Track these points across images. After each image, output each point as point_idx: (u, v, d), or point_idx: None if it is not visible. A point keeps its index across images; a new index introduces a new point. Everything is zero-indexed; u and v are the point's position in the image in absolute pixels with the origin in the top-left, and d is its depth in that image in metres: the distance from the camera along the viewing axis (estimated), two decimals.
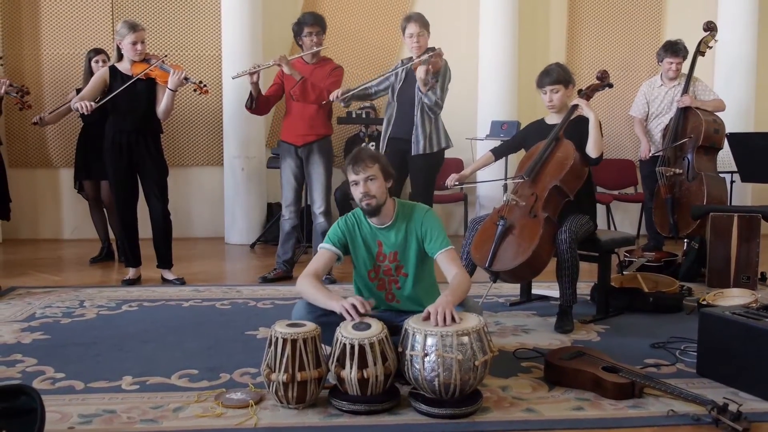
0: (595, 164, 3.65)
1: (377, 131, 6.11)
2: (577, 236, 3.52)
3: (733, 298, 3.86)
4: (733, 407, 2.33)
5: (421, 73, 4.17)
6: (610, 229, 6.49)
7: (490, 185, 5.29)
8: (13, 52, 6.18)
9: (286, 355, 2.42)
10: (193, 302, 4.14)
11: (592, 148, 3.59)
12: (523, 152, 3.95)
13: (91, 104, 4.27)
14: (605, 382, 2.61)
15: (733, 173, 5.45)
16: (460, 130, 6.10)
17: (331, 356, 2.49)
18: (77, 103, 4.29)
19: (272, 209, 6.43)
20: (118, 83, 4.36)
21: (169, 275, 4.68)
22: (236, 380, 2.79)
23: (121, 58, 4.43)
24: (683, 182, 5.02)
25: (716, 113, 5.16)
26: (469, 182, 4.15)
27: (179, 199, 6.05)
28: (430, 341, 2.38)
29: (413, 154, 4.36)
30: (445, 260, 2.76)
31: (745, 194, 6.38)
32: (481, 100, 6.64)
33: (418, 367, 2.40)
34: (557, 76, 3.72)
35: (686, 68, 5.31)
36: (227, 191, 6.37)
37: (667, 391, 2.57)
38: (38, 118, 5.10)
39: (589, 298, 4.16)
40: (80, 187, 5.54)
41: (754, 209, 4.76)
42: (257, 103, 4.64)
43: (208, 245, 6.29)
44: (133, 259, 4.66)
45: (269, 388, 2.50)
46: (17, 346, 3.25)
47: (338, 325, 2.54)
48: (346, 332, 2.45)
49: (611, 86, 3.92)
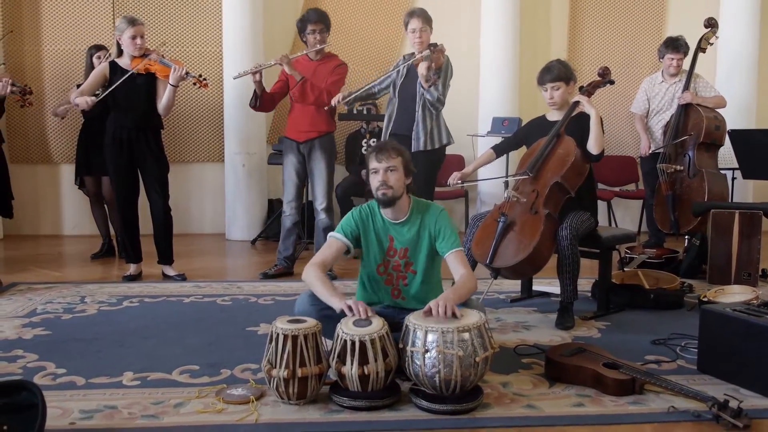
0: (596, 161, 3.65)
1: (378, 128, 6.10)
2: (578, 233, 3.52)
3: (734, 294, 3.86)
4: (733, 404, 2.33)
5: (422, 69, 4.16)
6: (611, 225, 6.48)
7: (490, 182, 5.28)
8: (14, 48, 6.17)
9: (287, 351, 2.42)
10: (194, 298, 4.15)
11: (593, 144, 3.58)
12: (524, 149, 3.95)
13: (91, 99, 4.28)
14: (606, 378, 2.61)
15: (734, 170, 5.43)
16: (461, 126, 6.09)
17: (331, 352, 2.49)
18: (78, 99, 4.30)
19: (273, 205, 6.43)
20: (118, 78, 4.35)
21: (170, 271, 4.68)
22: (237, 376, 2.79)
23: (121, 53, 4.42)
24: (684, 179, 5.01)
25: (717, 110, 5.16)
26: (471, 180, 4.15)
27: (180, 195, 6.05)
28: (430, 337, 2.39)
29: (414, 150, 4.33)
30: (454, 260, 2.79)
31: (746, 191, 6.37)
32: (482, 96, 6.62)
33: (418, 363, 2.40)
34: (558, 72, 3.71)
35: (687, 65, 5.30)
36: (228, 187, 6.37)
37: (667, 387, 2.58)
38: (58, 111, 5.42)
39: (589, 294, 4.16)
40: (81, 182, 5.55)
41: (755, 206, 4.76)
42: (262, 101, 4.64)
43: (208, 241, 6.29)
44: (133, 255, 4.66)
45: (270, 384, 2.51)
46: (18, 341, 3.26)
47: (341, 319, 2.54)
48: (347, 328, 2.46)
49: (613, 83, 3.91)
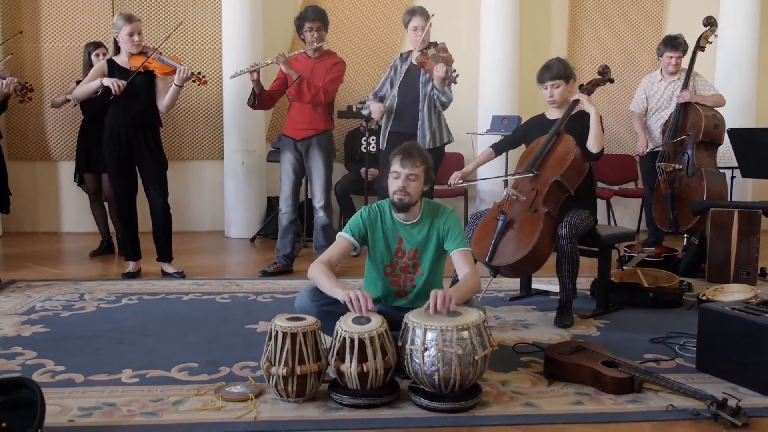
0: (595, 159, 3.65)
1: (377, 125, 6.09)
2: (577, 231, 3.52)
3: (732, 293, 3.86)
4: (732, 402, 2.34)
5: (440, 71, 4.08)
6: (610, 224, 6.48)
7: (490, 180, 5.28)
8: (13, 45, 6.15)
9: (285, 348, 2.42)
10: (193, 296, 4.15)
11: (592, 143, 3.58)
12: (523, 148, 3.94)
13: (122, 82, 4.23)
14: (605, 376, 2.61)
15: (733, 169, 5.44)
16: (460, 125, 6.08)
17: (330, 350, 2.49)
18: (105, 80, 4.23)
19: (272, 203, 6.42)
20: (116, 76, 4.34)
21: (169, 269, 4.68)
22: (236, 374, 2.79)
23: (118, 51, 4.42)
24: (683, 178, 5.01)
25: (716, 108, 5.16)
26: (472, 179, 4.14)
27: (179, 192, 6.05)
28: (429, 335, 2.39)
29: None
30: (460, 259, 2.80)
31: (745, 190, 6.37)
32: (481, 94, 6.62)
33: (417, 361, 2.40)
34: (558, 71, 3.70)
35: (686, 63, 5.30)
36: (227, 185, 6.36)
37: (666, 386, 2.58)
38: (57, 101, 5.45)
39: (588, 293, 4.16)
40: (80, 180, 5.54)
41: (754, 205, 4.75)
42: (260, 99, 4.63)
43: (208, 239, 6.28)
44: (132, 252, 4.66)
45: (269, 381, 2.51)
46: (17, 338, 3.25)
47: (341, 315, 2.55)
48: (346, 326, 2.46)
49: (612, 81, 3.91)
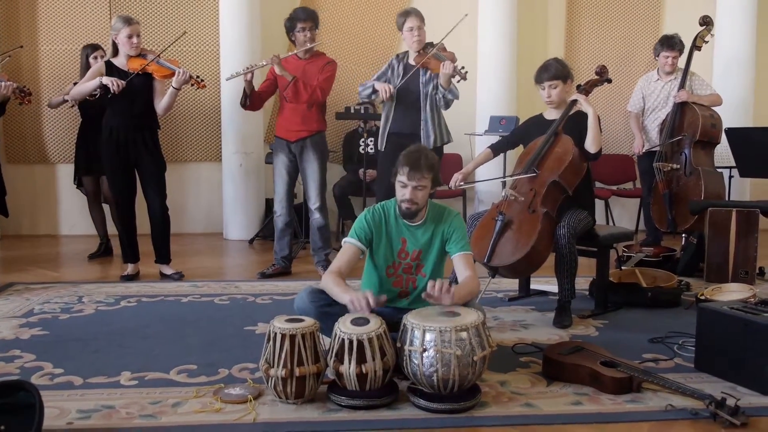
0: (593, 159, 3.65)
1: (376, 127, 6.09)
2: (575, 231, 3.52)
3: (731, 292, 3.86)
4: (731, 402, 2.34)
5: (448, 68, 4.13)
6: (608, 224, 6.48)
7: (488, 181, 5.27)
8: (10, 47, 6.14)
9: (284, 350, 2.42)
10: (191, 298, 4.14)
11: (590, 143, 3.58)
12: (521, 148, 3.94)
13: (121, 82, 4.22)
14: (603, 376, 2.61)
15: (731, 168, 5.44)
16: (458, 125, 6.08)
17: (329, 351, 2.49)
18: (105, 79, 4.22)
19: (271, 205, 6.37)
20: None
21: (167, 271, 4.67)
22: (235, 375, 2.79)
23: (116, 53, 4.42)
24: (681, 177, 5.01)
25: (713, 108, 5.16)
26: (473, 181, 4.15)
27: (177, 194, 6.04)
28: (428, 336, 2.39)
29: None
30: (461, 262, 2.81)
31: (743, 189, 6.37)
32: (479, 95, 6.62)
33: (416, 362, 2.40)
34: (555, 71, 3.70)
35: (683, 63, 5.30)
36: (225, 187, 6.36)
37: (665, 385, 2.58)
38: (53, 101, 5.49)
39: (587, 293, 4.16)
40: (79, 182, 5.53)
41: (752, 204, 4.76)
42: (251, 100, 4.64)
43: (206, 241, 6.28)
44: (131, 254, 4.65)
45: (268, 383, 2.51)
46: (16, 341, 3.25)
47: (339, 316, 2.55)
48: (344, 327, 2.46)
49: (610, 81, 3.91)
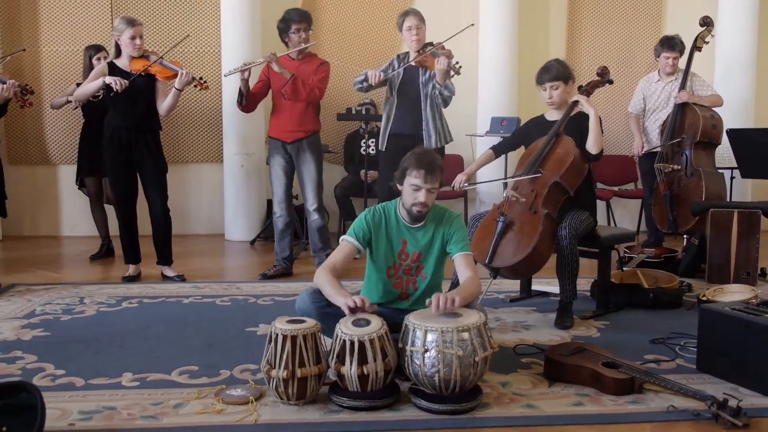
0: (595, 160, 3.65)
1: (377, 128, 6.10)
2: (577, 232, 3.52)
3: (733, 293, 3.86)
4: (733, 403, 2.33)
5: (443, 64, 4.14)
6: (610, 225, 6.48)
7: (489, 182, 5.27)
8: (12, 48, 6.15)
9: (286, 351, 2.42)
10: (193, 299, 4.14)
11: (592, 144, 3.58)
12: (522, 149, 3.94)
13: (124, 81, 4.22)
14: (605, 377, 2.61)
15: (732, 169, 5.44)
16: (460, 126, 6.08)
17: (331, 352, 2.49)
18: (108, 78, 4.22)
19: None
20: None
21: (169, 272, 4.67)
22: (236, 377, 2.79)
23: (119, 54, 4.42)
24: (682, 178, 5.01)
25: (714, 109, 5.16)
26: (476, 182, 4.15)
27: (179, 195, 6.05)
28: (430, 337, 2.39)
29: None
30: (462, 263, 2.80)
31: (745, 190, 6.36)
32: (480, 96, 6.62)
33: (418, 363, 2.40)
34: (557, 72, 3.70)
35: (684, 63, 5.30)
36: (227, 188, 6.36)
37: (667, 386, 2.58)
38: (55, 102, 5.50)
39: (589, 294, 4.15)
40: (81, 183, 5.54)
41: (753, 205, 4.76)
42: (247, 99, 4.63)
43: (207, 242, 6.28)
44: (132, 256, 4.65)
45: (269, 384, 2.51)
46: (17, 343, 3.25)
47: (341, 316, 2.55)
48: (346, 328, 2.45)
49: (611, 82, 3.91)
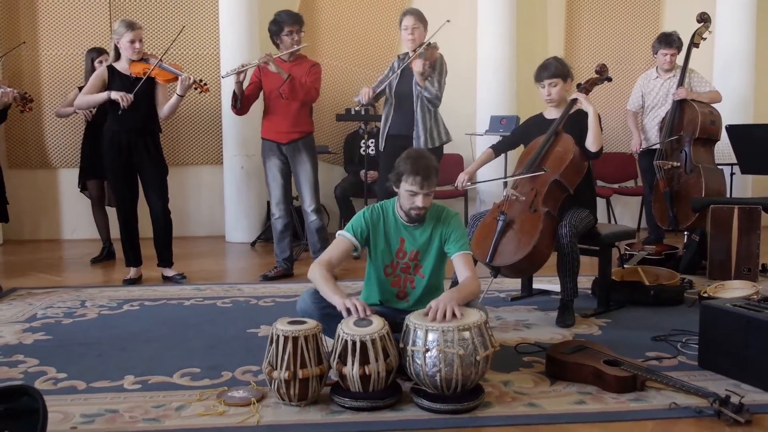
0: (594, 158, 3.65)
1: (376, 128, 6.10)
2: (577, 230, 3.52)
3: (734, 290, 3.86)
4: (735, 399, 2.34)
5: (418, 66, 4.20)
6: (610, 222, 6.48)
7: (489, 181, 5.27)
8: (11, 53, 6.15)
9: (287, 352, 2.42)
10: (194, 301, 4.15)
11: (591, 142, 3.58)
12: (522, 148, 3.94)
13: (129, 96, 4.25)
14: (607, 375, 2.61)
15: (732, 165, 5.44)
16: (459, 125, 6.09)
17: (332, 353, 2.49)
18: (114, 94, 4.26)
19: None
20: (116, 83, 4.37)
21: (169, 273, 4.68)
22: (238, 378, 2.79)
23: (118, 57, 4.43)
24: (681, 175, 5.01)
25: (712, 105, 5.16)
26: (481, 180, 4.15)
27: (179, 197, 6.05)
28: (431, 337, 2.39)
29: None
30: (461, 262, 2.79)
31: (745, 186, 6.37)
32: (479, 95, 6.62)
33: (419, 362, 2.40)
34: (555, 70, 3.70)
35: (682, 60, 5.30)
36: (227, 189, 6.37)
37: (668, 383, 2.58)
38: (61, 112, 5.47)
39: (590, 292, 4.16)
40: (83, 186, 5.54)
41: (754, 201, 4.76)
42: (241, 102, 4.63)
43: (208, 244, 6.29)
44: (133, 258, 4.66)
45: (271, 385, 2.51)
46: (19, 346, 3.25)
47: (342, 317, 2.55)
48: (347, 329, 2.46)
49: (610, 80, 3.91)
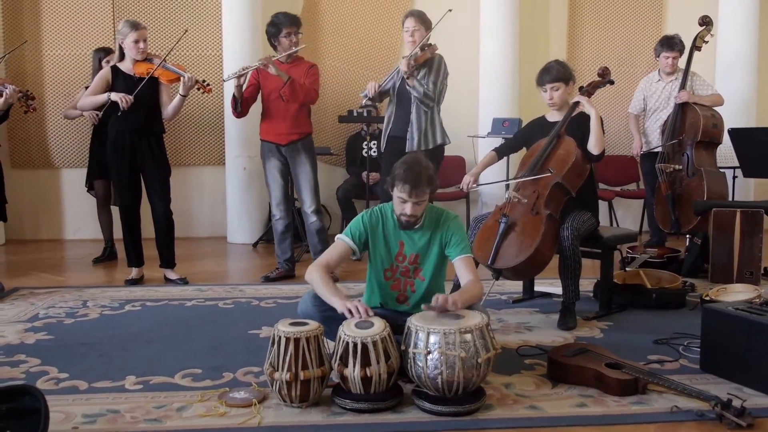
0: (596, 161, 3.65)
1: (378, 130, 6.11)
2: (579, 233, 3.52)
3: (736, 293, 3.85)
4: (737, 403, 2.33)
5: (403, 65, 4.24)
6: (612, 225, 6.47)
7: (491, 183, 5.27)
8: (15, 53, 6.16)
9: (289, 354, 2.42)
10: (195, 302, 4.15)
11: (593, 144, 3.58)
12: (524, 150, 3.94)
13: (130, 97, 4.26)
14: (608, 378, 2.61)
15: (735, 168, 5.43)
16: (461, 127, 6.10)
17: (334, 354, 2.49)
18: (113, 95, 4.27)
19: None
20: (120, 83, 4.38)
21: (171, 275, 4.68)
22: (239, 379, 2.79)
23: (122, 57, 4.44)
24: (683, 178, 5.01)
25: (714, 108, 5.16)
26: (485, 182, 4.15)
27: (181, 198, 6.05)
28: (432, 339, 2.39)
29: (407, 150, 4.30)
30: (462, 266, 2.79)
31: (747, 189, 6.36)
32: (482, 97, 6.61)
33: (421, 364, 2.40)
34: (557, 73, 3.70)
35: (684, 63, 5.30)
36: (229, 190, 6.37)
37: (670, 387, 2.57)
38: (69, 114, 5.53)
39: (591, 294, 4.15)
40: (90, 186, 5.54)
41: (756, 204, 4.75)
42: (242, 105, 4.63)
43: (210, 245, 6.29)
44: (135, 258, 4.66)
45: (272, 387, 2.51)
46: (21, 346, 3.26)
47: (343, 320, 2.55)
48: (349, 330, 2.46)
49: (612, 83, 3.91)
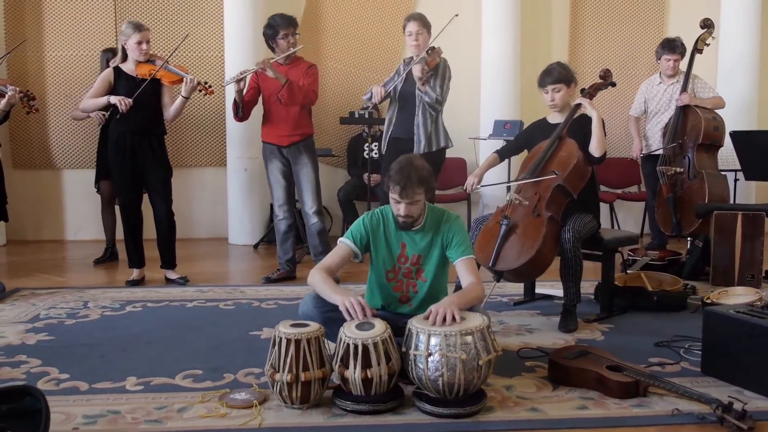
0: (598, 163, 3.65)
1: (380, 131, 6.11)
2: (580, 235, 3.52)
3: (737, 296, 3.85)
4: (737, 406, 2.33)
5: (417, 71, 4.22)
6: (613, 227, 6.47)
7: (493, 185, 5.27)
8: (16, 54, 6.16)
9: (290, 355, 2.42)
10: (196, 303, 4.15)
11: (595, 147, 3.58)
12: (525, 152, 3.94)
13: (129, 100, 4.27)
14: (609, 381, 2.61)
15: (736, 171, 5.43)
16: (463, 129, 6.09)
17: (334, 356, 2.49)
18: (113, 98, 4.28)
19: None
20: (122, 84, 4.38)
21: (172, 275, 4.69)
22: (240, 380, 2.79)
23: (125, 58, 4.44)
24: (684, 181, 5.01)
25: (716, 110, 5.15)
26: (487, 184, 4.16)
27: (182, 199, 6.05)
28: (433, 341, 2.39)
29: (414, 153, 4.34)
30: (464, 268, 2.78)
31: (749, 192, 6.35)
32: (483, 99, 6.62)
33: (421, 366, 2.40)
34: (558, 75, 3.70)
35: (685, 66, 5.30)
36: (230, 192, 6.38)
37: (671, 389, 2.57)
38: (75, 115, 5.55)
39: (593, 297, 4.15)
40: (99, 186, 5.55)
41: (758, 207, 4.75)
42: (243, 109, 4.63)
43: (211, 246, 6.29)
44: (136, 259, 4.67)
45: (273, 388, 2.51)
46: (22, 347, 3.26)
47: (344, 321, 2.55)
48: (349, 332, 2.46)
49: (614, 85, 3.91)
